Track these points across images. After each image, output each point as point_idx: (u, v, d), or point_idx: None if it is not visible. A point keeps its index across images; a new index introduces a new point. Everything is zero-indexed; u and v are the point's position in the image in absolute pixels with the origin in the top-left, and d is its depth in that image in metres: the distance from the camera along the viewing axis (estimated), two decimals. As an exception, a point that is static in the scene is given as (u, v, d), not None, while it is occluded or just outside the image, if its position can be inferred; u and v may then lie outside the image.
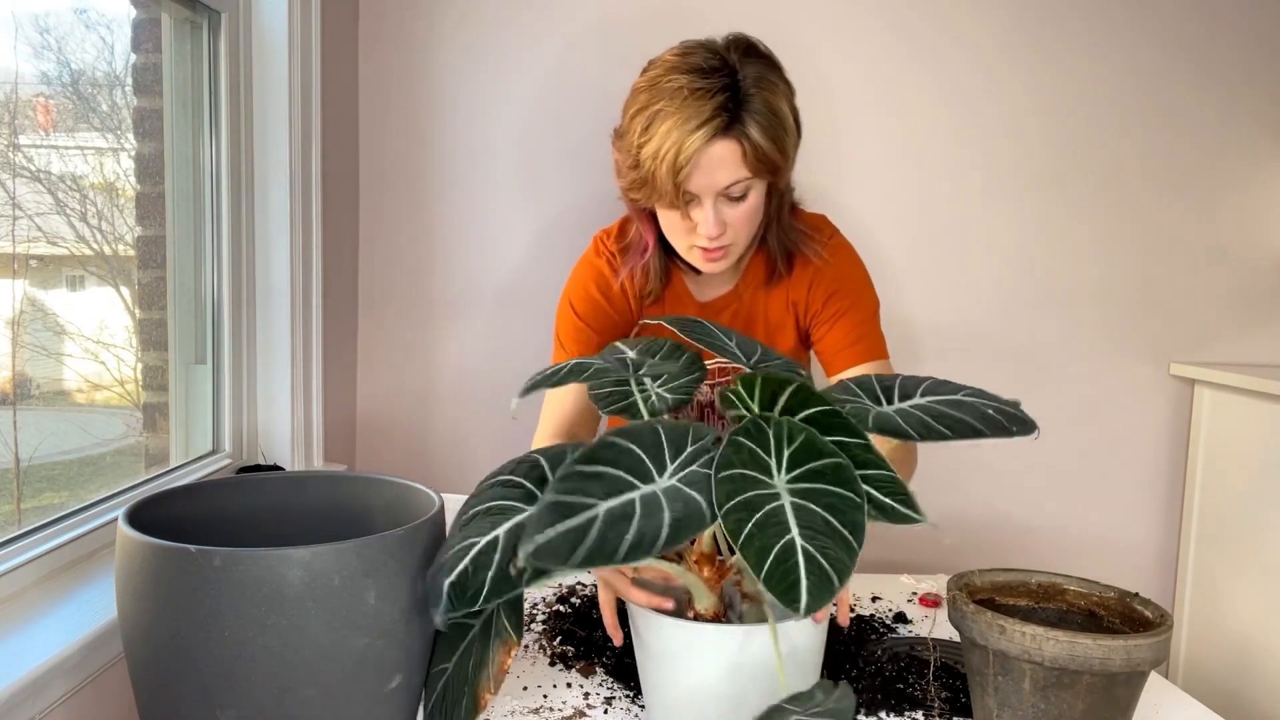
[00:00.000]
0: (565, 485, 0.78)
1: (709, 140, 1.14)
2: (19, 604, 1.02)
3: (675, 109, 1.15)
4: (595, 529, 0.74)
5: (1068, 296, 2.04)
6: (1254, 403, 1.91)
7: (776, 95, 1.19)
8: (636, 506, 0.76)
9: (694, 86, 1.15)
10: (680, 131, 1.14)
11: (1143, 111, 2.01)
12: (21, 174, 1.18)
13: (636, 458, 0.81)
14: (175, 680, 0.78)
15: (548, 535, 0.74)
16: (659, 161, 1.16)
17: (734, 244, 1.25)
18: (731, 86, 1.16)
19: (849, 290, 1.35)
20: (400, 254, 1.98)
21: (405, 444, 2.02)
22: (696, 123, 1.14)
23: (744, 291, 1.38)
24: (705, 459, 0.81)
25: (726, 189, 1.19)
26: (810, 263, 1.35)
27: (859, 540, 0.73)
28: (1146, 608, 0.99)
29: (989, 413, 0.88)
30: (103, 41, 1.32)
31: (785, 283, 1.36)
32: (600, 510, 0.76)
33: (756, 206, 1.23)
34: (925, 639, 1.25)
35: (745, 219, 1.23)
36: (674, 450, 0.82)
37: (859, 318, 1.35)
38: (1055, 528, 2.09)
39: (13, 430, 1.13)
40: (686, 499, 0.77)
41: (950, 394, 0.91)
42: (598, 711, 1.05)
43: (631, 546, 0.73)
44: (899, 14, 1.96)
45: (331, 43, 1.74)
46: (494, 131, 1.95)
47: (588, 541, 0.73)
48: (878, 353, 1.35)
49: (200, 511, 0.95)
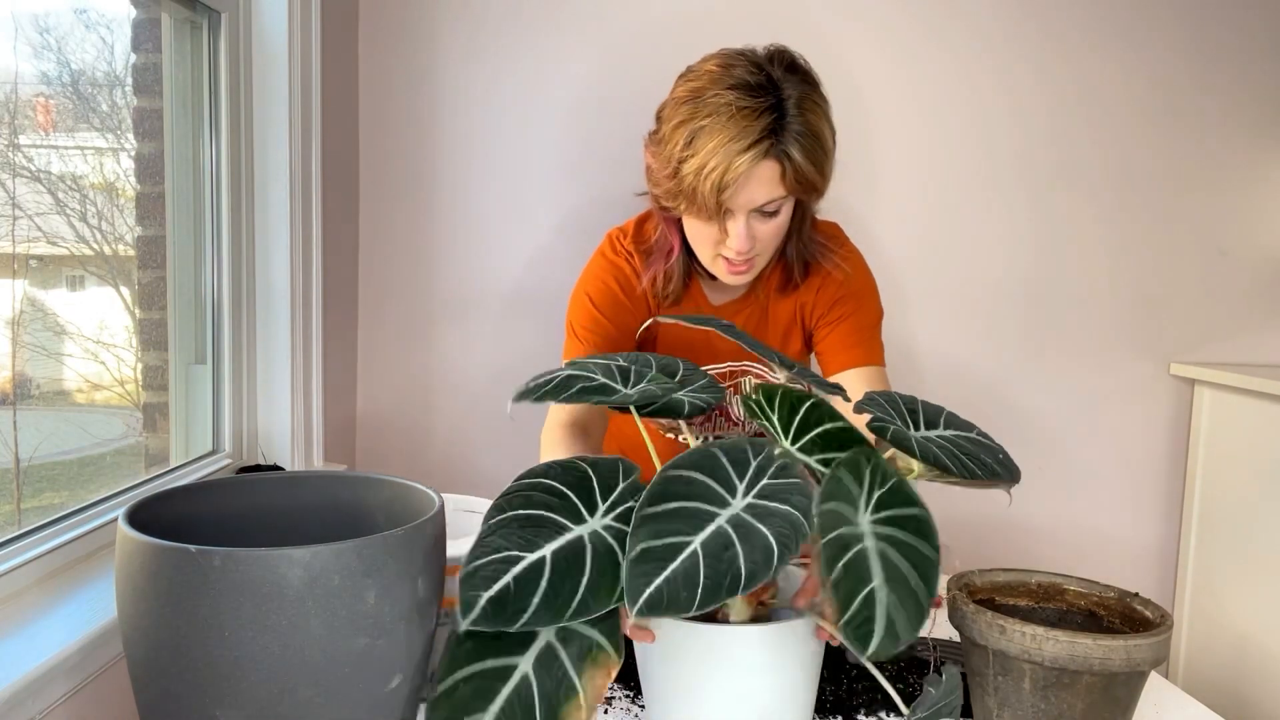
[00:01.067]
0: (647, 531, 0.77)
1: (756, 162, 1.14)
2: (19, 604, 1.02)
3: (721, 127, 1.13)
4: (702, 568, 0.73)
5: (1068, 296, 2.04)
6: (1254, 403, 1.91)
7: (819, 117, 1.18)
8: (731, 535, 0.76)
9: (741, 105, 1.13)
10: (727, 150, 1.13)
11: (1143, 112, 2.01)
12: (21, 174, 1.18)
13: (703, 485, 0.81)
14: (175, 680, 0.78)
15: (655, 584, 0.73)
16: (702, 178, 1.15)
17: (759, 256, 1.26)
18: (778, 106, 1.15)
19: (854, 295, 1.36)
20: (400, 254, 1.98)
21: (405, 444, 2.02)
22: (745, 143, 1.13)
23: (758, 297, 1.38)
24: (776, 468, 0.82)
25: (762, 206, 1.19)
26: (822, 270, 1.36)
27: (928, 602, 0.74)
28: (1146, 608, 0.99)
29: (1000, 458, 0.92)
30: (103, 41, 1.32)
31: (795, 291, 1.37)
32: (696, 544, 0.75)
33: (785, 222, 1.25)
34: (925, 639, 1.25)
35: (774, 234, 1.24)
36: (739, 469, 0.82)
37: (861, 323, 1.35)
38: (1055, 528, 2.09)
39: (13, 430, 1.13)
40: (782, 515, 0.77)
41: (965, 430, 0.95)
42: (598, 711, 1.05)
43: (749, 575, 0.72)
44: (897, 18, 1.96)
45: (331, 43, 1.74)
46: (494, 131, 1.95)
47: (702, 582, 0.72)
48: (874, 359, 1.35)
49: (200, 511, 0.95)
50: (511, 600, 0.75)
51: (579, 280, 1.40)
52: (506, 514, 0.81)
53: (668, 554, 0.75)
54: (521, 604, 0.75)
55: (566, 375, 0.92)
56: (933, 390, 2.05)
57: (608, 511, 0.82)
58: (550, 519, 0.81)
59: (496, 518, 0.81)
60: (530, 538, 0.79)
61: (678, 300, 1.38)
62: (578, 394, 0.88)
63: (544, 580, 0.76)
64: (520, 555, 0.78)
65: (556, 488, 0.83)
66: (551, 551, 0.78)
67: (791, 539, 0.74)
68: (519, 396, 0.89)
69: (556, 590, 0.76)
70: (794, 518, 0.76)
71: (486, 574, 0.77)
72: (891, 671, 1.14)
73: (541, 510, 0.81)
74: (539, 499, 0.82)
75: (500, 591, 0.76)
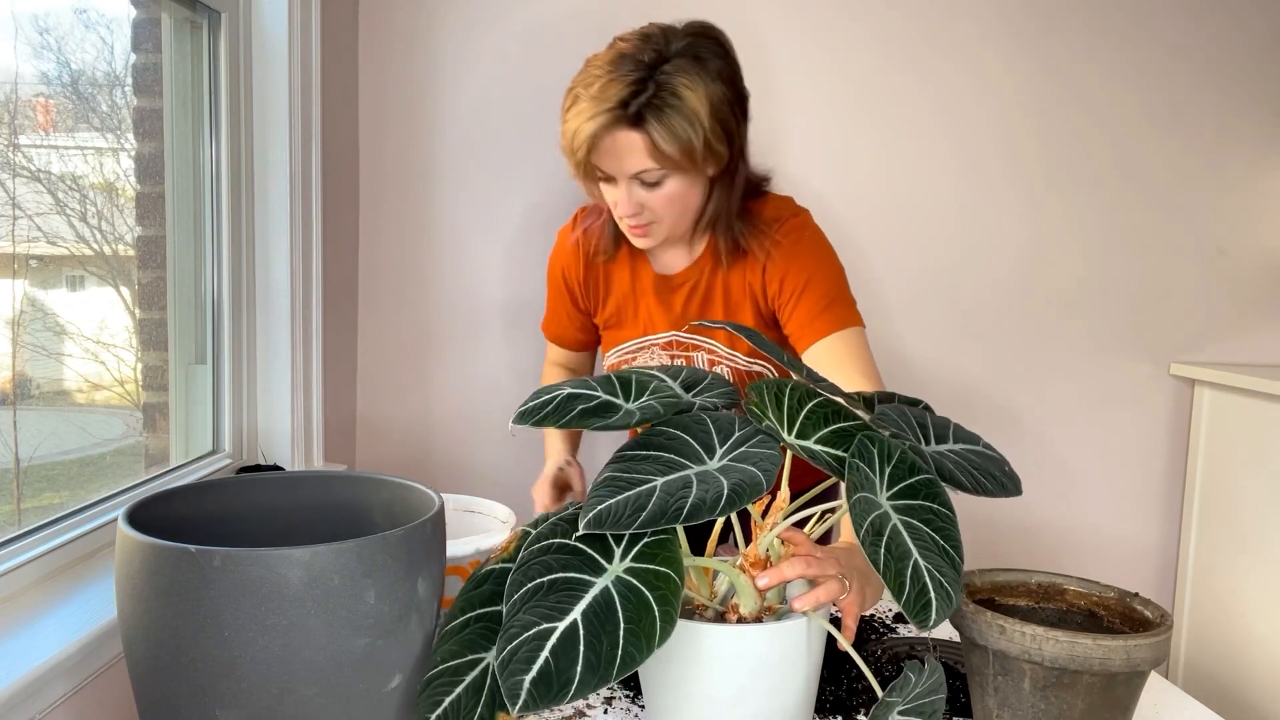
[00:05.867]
0: (619, 466, 0.81)
1: (607, 127, 1.21)
2: (19, 604, 1.02)
3: (585, 96, 1.22)
4: (655, 498, 0.78)
5: (1068, 296, 2.04)
6: (1254, 403, 1.91)
7: (693, 92, 1.21)
8: (693, 480, 0.80)
9: (609, 76, 1.21)
10: (582, 118, 1.22)
11: (1143, 111, 2.01)
12: (21, 174, 1.18)
13: (685, 442, 0.85)
14: (175, 680, 0.78)
15: (608, 503, 0.77)
16: (571, 140, 1.24)
17: (656, 224, 1.30)
18: (645, 79, 1.20)
19: (802, 267, 1.32)
20: (400, 254, 1.98)
21: (405, 444, 2.02)
22: (597, 111, 1.21)
23: (703, 269, 1.39)
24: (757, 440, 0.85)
25: (637, 174, 1.25)
26: (765, 245, 1.34)
27: (961, 555, 0.82)
28: (1146, 608, 0.99)
29: (1005, 470, 0.96)
30: (102, 41, 1.32)
31: (744, 263, 1.37)
32: (658, 483, 0.79)
33: (677, 194, 1.27)
34: (925, 639, 1.25)
35: (663, 203, 1.28)
36: (722, 437, 0.86)
37: (820, 290, 1.32)
38: (1055, 528, 2.09)
39: (13, 430, 1.13)
40: (744, 471, 0.81)
41: (972, 443, 0.97)
42: (597, 711, 1.05)
43: (693, 507, 0.77)
44: (895, 13, 1.96)
45: (331, 43, 1.74)
46: (494, 130, 1.95)
47: (649, 507, 0.77)
48: (846, 320, 1.31)
49: (200, 511, 0.95)
50: (556, 676, 0.74)
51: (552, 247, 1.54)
52: (526, 586, 0.79)
53: (628, 485, 0.80)
54: (566, 677, 0.74)
55: (567, 395, 0.90)
56: (933, 391, 2.05)
57: (625, 554, 0.80)
58: (571, 580, 0.79)
59: (518, 593, 0.79)
60: (555, 604, 0.77)
61: (611, 258, 1.44)
62: (579, 416, 0.88)
63: (581, 646, 0.75)
64: (551, 626, 0.76)
65: (569, 544, 0.81)
66: (581, 614, 0.76)
67: (744, 490, 0.79)
68: (519, 419, 0.89)
69: (596, 652, 0.74)
70: (752, 473, 0.81)
71: (523, 656, 0.75)
72: (892, 672, 1.14)
73: (560, 573, 0.79)
74: (554, 561, 0.80)
75: (541, 670, 0.74)
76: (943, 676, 0.82)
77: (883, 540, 0.78)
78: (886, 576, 0.76)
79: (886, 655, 1.18)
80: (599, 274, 1.46)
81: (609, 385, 0.93)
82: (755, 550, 0.90)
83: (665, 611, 0.76)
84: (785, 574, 0.88)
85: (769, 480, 0.80)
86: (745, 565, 0.90)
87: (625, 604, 0.77)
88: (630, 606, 0.77)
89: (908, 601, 0.76)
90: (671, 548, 0.80)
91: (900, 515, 0.81)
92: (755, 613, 0.91)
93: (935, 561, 0.79)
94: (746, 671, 0.87)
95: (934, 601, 0.77)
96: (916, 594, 0.77)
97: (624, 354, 1.47)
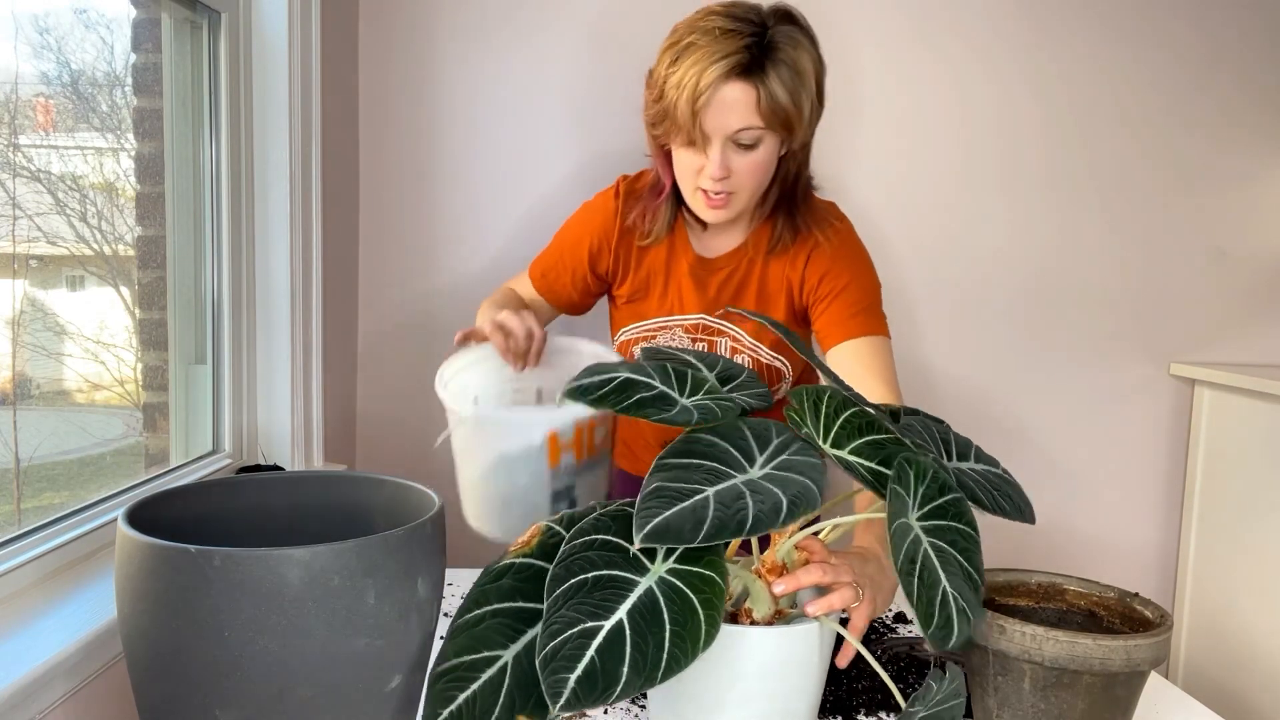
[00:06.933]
0: (666, 475, 0.79)
1: (727, 76, 1.19)
2: (19, 604, 1.02)
3: (704, 44, 1.20)
4: (711, 510, 0.76)
5: (1068, 297, 2.04)
6: (1254, 403, 1.91)
7: (802, 54, 1.22)
8: (743, 490, 0.79)
9: (726, 27, 1.20)
10: (703, 64, 1.19)
11: (1143, 111, 2.01)
12: (21, 174, 1.18)
13: (725, 450, 0.83)
14: (175, 680, 0.78)
15: (664, 516, 0.75)
16: (680, 90, 1.21)
17: (737, 194, 1.28)
18: (760, 34, 1.20)
19: (844, 269, 1.34)
20: (400, 254, 1.98)
21: (405, 444, 2.02)
22: (719, 57, 1.19)
23: (745, 255, 1.39)
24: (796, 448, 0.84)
25: (737, 133, 1.22)
26: (810, 241, 1.35)
27: (982, 577, 0.84)
28: (1146, 608, 0.99)
29: (1022, 496, 0.96)
30: (102, 41, 1.32)
31: (785, 256, 1.37)
32: (709, 493, 0.77)
33: (765, 161, 1.26)
34: (925, 639, 1.25)
35: (751, 170, 1.26)
36: (760, 444, 0.85)
37: (855, 295, 1.34)
38: (1055, 528, 2.09)
39: (13, 430, 1.13)
40: (797, 483, 0.80)
41: (992, 465, 0.98)
42: (598, 711, 1.05)
43: (755, 519, 0.75)
44: (895, 20, 1.96)
45: (331, 42, 1.74)
46: (494, 130, 1.95)
47: (709, 520, 0.75)
48: (875, 329, 1.33)
49: (200, 511, 0.95)
50: (601, 676, 0.72)
51: (581, 206, 1.47)
52: (570, 582, 0.77)
53: (681, 495, 0.77)
54: (612, 677, 0.72)
55: (625, 379, 0.88)
56: (933, 391, 2.05)
57: (668, 554, 0.79)
58: (615, 578, 0.77)
59: (560, 589, 0.76)
60: (600, 602, 0.75)
61: (658, 241, 1.41)
62: (636, 405, 0.85)
63: (628, 646, 0.73)
64: (597, 625, 0.74)
65: (613, 541, 0.79)
66: (627, 613, 0.75)
67: (801, 502, 0.77)
68: (572, 394, 0.86)
69: (643, 653, 0.73)
70: (806, 484, 0.79)
71: (567, 654, 0.73)
72: (892, 671, 1.14)
73: (604, 570, 0.77)
74: (597, 558, 0.78)
75: (587, 669, 0.72)
76: (963, 683, 0.81)
77: (915, 568, 0.78)
78: (918, 607, 0.77)
79: (886, 655, 1.18)
80: (632, 246, 1.42)
81: (665, 375, 0.91)
82: (773, 556, 0.90)
83: (710, 616, 0.75)
84: (802, 581, 0.88)
85: (820, 491, 0.79)
86: (762, 570, 0.90)
87: (670, 606, 0.75)
88: (675, 609, 0.75)
89: (934, 631, 0.77)
90: (717, 551, 0.79)
91: (929, 537, 0.81)
92: (768, 616, 0.91)
93: (959, 586, 0.80)
94: (756, 673, 0.87)
95: (955, 627, 0.78)
96: (942, 622, 0.77)
97: (644, 331, 1.44)
